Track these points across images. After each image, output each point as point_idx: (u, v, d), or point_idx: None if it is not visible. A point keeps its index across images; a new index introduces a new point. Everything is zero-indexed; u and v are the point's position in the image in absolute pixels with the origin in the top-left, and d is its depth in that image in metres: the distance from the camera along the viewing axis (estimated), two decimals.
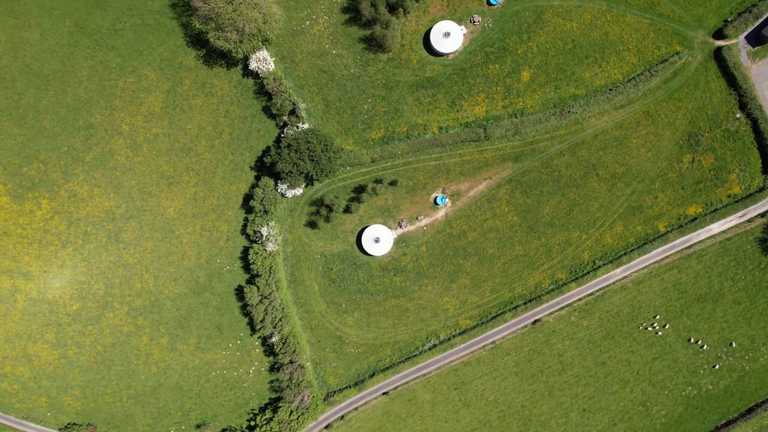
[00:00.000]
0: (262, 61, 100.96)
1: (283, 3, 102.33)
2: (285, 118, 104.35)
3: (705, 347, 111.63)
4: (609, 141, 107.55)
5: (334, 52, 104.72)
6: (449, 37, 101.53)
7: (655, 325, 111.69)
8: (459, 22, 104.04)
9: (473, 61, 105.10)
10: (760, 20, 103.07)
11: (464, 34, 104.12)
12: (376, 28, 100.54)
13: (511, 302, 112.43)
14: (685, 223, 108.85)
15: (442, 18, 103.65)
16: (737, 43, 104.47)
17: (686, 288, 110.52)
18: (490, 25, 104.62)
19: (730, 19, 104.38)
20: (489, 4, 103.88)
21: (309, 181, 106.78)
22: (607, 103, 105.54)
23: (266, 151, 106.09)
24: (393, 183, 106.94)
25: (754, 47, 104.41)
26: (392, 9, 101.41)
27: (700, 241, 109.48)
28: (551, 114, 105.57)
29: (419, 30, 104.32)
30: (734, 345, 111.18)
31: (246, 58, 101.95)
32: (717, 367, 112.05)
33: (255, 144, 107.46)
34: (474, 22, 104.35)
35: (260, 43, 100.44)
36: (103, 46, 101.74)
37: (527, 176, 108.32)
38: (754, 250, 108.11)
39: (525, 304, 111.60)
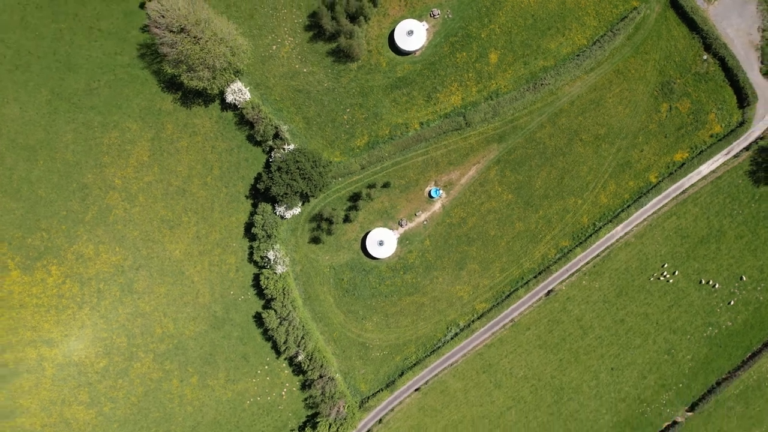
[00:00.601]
0: (238, 92, 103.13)
1: (248, 33, 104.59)
2: (270, 142, 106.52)
3: (717, 286, 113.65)
4: (586, 105, 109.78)
5: (305, 70, 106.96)
6: (413, 34, 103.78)
7: (664, 273, 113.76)
8: (419, 18, 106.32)
9: (440, 54, 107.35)
10: None
11: (427, 29, 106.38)
12: (341, 40, 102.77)
13: (522, 278, 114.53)
14: (675, 170, 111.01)
15: (403, 17, 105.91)
16: None
17: (688, 232, 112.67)
18: (450, 15, 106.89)
19: None
20: None
21: (305, 198, 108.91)
22: (577, 69, 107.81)
23: (258, 178, 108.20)
24: (386, 185, 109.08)
25: None
26: (353, 18, 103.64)
27: (692, 185, 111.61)
28: (525, 90, 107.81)
29: (383, 33, 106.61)
30: (745, 278, 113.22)
31: (222, 93, 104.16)
32: (732, 303, 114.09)
33: (246, 173, 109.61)
34: (434, 15, 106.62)
35: (233, 76, 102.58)
36: (82, 107, 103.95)
37: (514, 154, 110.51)
38: (746, 184, 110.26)
39: (535, 277, 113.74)
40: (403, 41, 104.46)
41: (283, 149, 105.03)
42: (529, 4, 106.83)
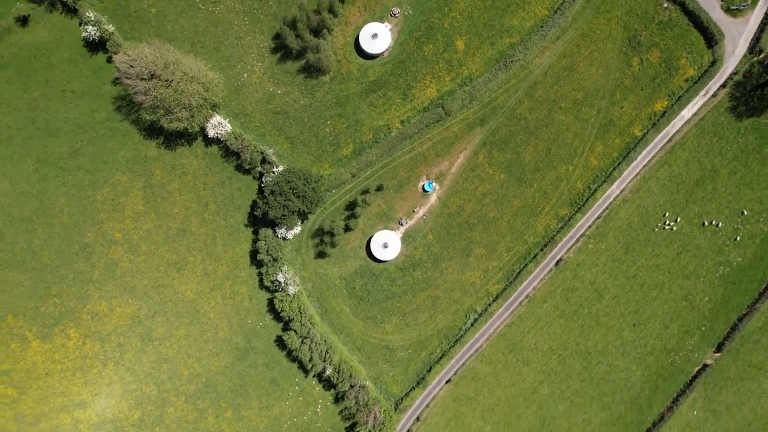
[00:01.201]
0: (218, 125, 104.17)
1: (217, 66, 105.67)
2: (259, 168, 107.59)
3: (720, 225, 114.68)
4: (559, 73, 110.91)
5: (279, 91, 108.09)
6: (377, 37, 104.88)
7: (667, 222, 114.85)
8: (381, 20, 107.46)
9: (408, 50, 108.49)
10: None
11: (390, 30, 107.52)
12: (308, 56, 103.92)
13: (529, 253, 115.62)
14: (658, 120, 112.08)
15: (365, 22, 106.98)
16: None
17: (682, 178, 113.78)
18: (410, 11, 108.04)
19: None
20: None
21: (303, 216, 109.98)
22: (544, 40, 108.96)
23: (254, 205, 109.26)
24: (379, 188, 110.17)
25: None
26: (316, 33, 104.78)
27: (677, 131, 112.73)
28: (497, 70, 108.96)
29: (348, 41, 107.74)
30: (746, 212, 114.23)
31: (203, 129, 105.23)
32: (738, 238, 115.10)
33: (241, 202, 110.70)
34: (394, 14, 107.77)
35: (210, 111, 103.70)
36: (70, 169, 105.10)
37: (498, 134, 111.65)
38: (729, 120, 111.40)
39: (542, 250, 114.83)
40: (369, 45, 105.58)
41: (273, 172, 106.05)
42: None
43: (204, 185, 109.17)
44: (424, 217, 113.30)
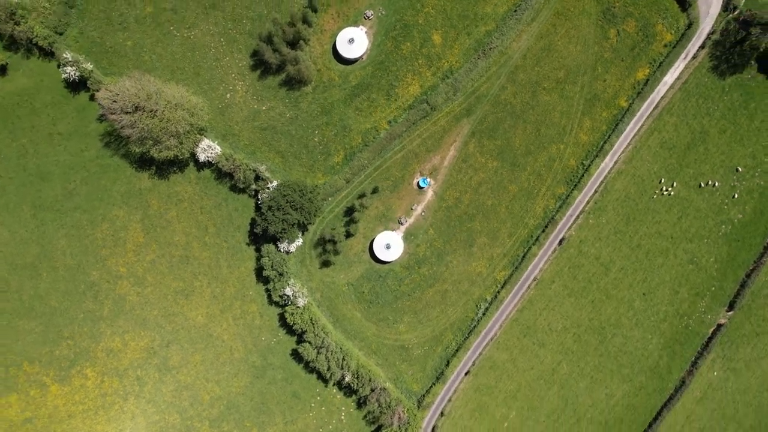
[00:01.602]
0: (208, 149, 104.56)
1: (199, 90, 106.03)
2: (253, 186, 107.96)
3: (717, 184, 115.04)
4: (538, 54, 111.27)
5: (264, 107, 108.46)
6: (354, 41, 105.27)
7: (664, 188, 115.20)
8: (356, 24, 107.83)
9: (386, 51, 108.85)
10: None
11: (366, 32, 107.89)
12: (288, 68, 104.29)
13: (531, 236, 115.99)
14: (642, 89, 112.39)
15: (340, 28, 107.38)
16: None
17: (673, 143, 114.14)
18: (383, 12, 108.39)
19: None
20: None
21: (303, 228, 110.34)
22: (519, 24, 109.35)
23: (253, 223, 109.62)
24: (375, 190, 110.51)
25: None
26: (293, 45, 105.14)
27: (662, 97, 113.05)
28: (476, 59, 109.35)
29: (326, 49, 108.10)
30: (740, 169, 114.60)
31: (193, 154, 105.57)
32: (736, 195, 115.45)
33: (240, 222, 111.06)
34: (368, 17, 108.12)
35: (198, 135, 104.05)
36: (66, 210, 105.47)
37: (485, 122, 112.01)
38: (712, 80, 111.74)
39: (543, 231, 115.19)
40: (346, 50, 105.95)
41: (268, 188, 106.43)
42: None
43: (201, 209, 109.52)
44: (423, 214, 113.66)
